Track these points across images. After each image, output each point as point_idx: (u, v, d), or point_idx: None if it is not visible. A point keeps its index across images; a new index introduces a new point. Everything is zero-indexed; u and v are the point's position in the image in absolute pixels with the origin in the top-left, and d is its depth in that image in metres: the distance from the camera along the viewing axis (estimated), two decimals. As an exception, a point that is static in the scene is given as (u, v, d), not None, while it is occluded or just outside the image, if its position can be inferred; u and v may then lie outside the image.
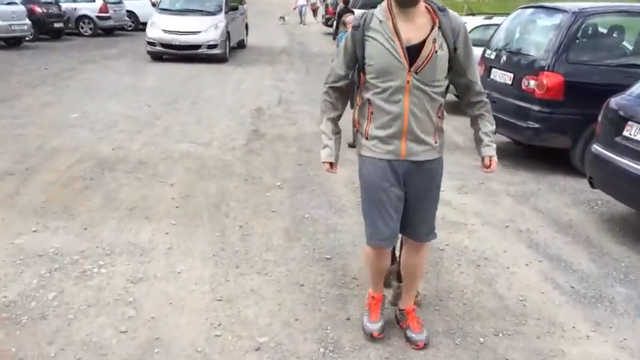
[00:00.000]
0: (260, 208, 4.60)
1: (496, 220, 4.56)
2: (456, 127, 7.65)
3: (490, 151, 2.51)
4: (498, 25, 8.51)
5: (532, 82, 5.63)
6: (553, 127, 5.62)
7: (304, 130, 7.45)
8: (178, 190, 4.92)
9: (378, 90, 2.29)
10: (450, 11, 2.32)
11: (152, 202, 4.60)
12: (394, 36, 2.22)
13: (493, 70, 6.37)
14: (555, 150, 5.89)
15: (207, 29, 13.37)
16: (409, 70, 2.22)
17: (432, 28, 2.23)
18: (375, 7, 2.38)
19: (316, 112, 8.38)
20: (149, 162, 5.65)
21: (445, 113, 2.48)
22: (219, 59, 13.47)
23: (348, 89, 2.52)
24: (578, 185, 5.49)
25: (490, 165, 2.54)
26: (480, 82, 2.47)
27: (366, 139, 2.40)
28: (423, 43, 2.21)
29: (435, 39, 2.22)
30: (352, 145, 3.02)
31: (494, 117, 2.68)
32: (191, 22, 13.53)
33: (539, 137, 5.67)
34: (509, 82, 6.01)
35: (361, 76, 2.41)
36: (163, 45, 13.34)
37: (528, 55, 5.89)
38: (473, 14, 9.18)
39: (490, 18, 8.60)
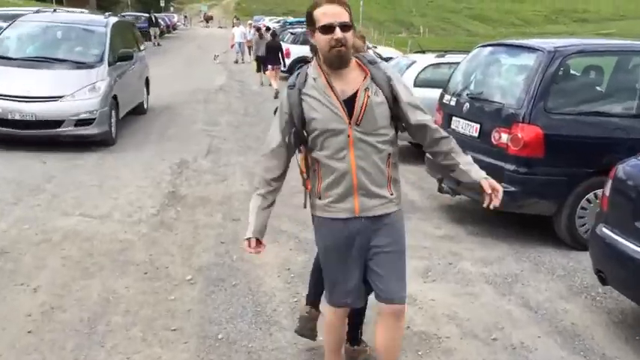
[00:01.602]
0: (156, 325, 3.28)
1: (478, 328, 3.42)
2: (408, 179, 6.60)
3: (482, 173, 2.32)
4: (453, 64, 7.65)
5: (504, 136, 4.62)
6: (533, 191, 4.60)
7: (234, 189, 6.20)
8: (42, 298, 3.53)
9: (322, 149, 2.24)
10: (381, 62, 2.31)
11: (-4, 322, 3.21)
12: (329, 90, 2.19)
13: (454, 118, 5.36)
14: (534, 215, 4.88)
15: (75, 92, 7.50)
16: (349, 123, 2.18)
17: (364, 79, 2.22)
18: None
19: (251, 164, 7.17)
20: (13, 250, 4.22)
21: (397, 163, 2.36)
22: (98, 142, 7.69)
23: (286, 157, 2.37)
24: (567, 262, 4.46)
25: (494, 189, 2.26)
26: (430, 118, 2.34)
27: (319, 198, 2.32)
28: (356, 94, 2.19)
29: (368, 87, 2.21)
30: (305, 206, 2.58)
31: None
32: (47, 80, 7.63)
33: (515, 203, 4.63)
34: (475, 134, 4.99)
35: (302, 138, 2.30)
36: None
37: (496, 102, 4.89)
38: (423, 52, 8.30)
39: (442, 56, 7.71)
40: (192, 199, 5.77)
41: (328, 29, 2.11)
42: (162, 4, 58.82)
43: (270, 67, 14.46)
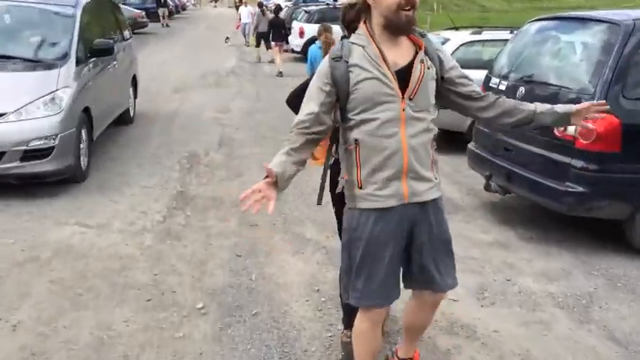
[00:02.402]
0: (160, 375, 2.65)
1: (560, 374, 2.74)
2: (442, 171, 5.89)
3: (567, 106, 2.21)
4: (491, 42, 6.88)
5: (571, 127, 3.86)
6: (605, 191, 3.88)
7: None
8: (22, 339, 2.88)
9: (368, 125, 1.99)
10: (430, 37, 2.12)
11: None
12: (380, 60, 1.97)
13: (503, 104, 4.61)
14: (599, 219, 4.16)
15: (23, 107, 4.95)
16: (402, 97, 1.97)
17: (419, 51, 2.03)
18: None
19: (268, 156, 6.51)
20: (-7, 273, 3.60)
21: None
22: (62, 178, 5.15)
23: (320, 140, 2.13)
24: (648, 277, 3.76)
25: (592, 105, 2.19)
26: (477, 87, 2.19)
27: (360, 187, 2.06)
28: (410, 66, 1.99)
29: (423, 60, 2.01)
30: (319, 203, 2.31)
31: (513, 172, 2.48)
32: None
33: (583, 205, 3.92)
34: (533, 124, 4.25)
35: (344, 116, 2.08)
36: None
37: (561, 86, 4.14)
38: (456, 28, 7.49)
39: (478, 32, 6.91)
40: (203, 201, 5.12)
41: None
42: (170, -16, 57.74)
43: (273, 43, 14.32)
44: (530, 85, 4.36)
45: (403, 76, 1.97)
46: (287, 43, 15.07)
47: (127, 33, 8.66)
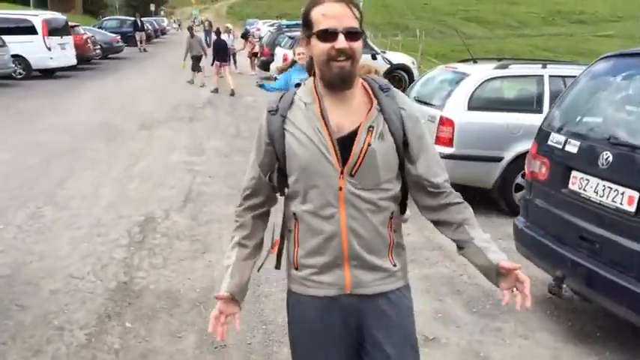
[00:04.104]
0: None
1: None
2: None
3: (503, 254, 1.65)
4: (521, 79, 5.62)
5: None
6: None
7: (218, 268, 4.13)
8: None
9: (304, 202, 1.66)
10: (397, 91, 1.70)
11: None
12: (321, 124, 1.62)
13: (578, 175, 3.28)
14: None
15: None
16: (341, 172, 1.61)
17: (369, 112, 1.63)
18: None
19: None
20: None
21: (404, 221, 1.81)
22: None
23: (269, 204, 1.81)
24: None
25: (519, 280, 1.60)
26: (445, 177, 1.71)
27: (296, 269, 1.72)
28: (355, 133, 1.61)
29: (372, 126, 1.62)
30: (277, 267, 1.87)
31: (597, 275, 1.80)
32: None
33: None
34: (629, 207, 2.91)
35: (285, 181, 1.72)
36: None
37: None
38: (474, 60, 6.20)
39: (505, 67, 5.61)
40: (152, 299, 3.68)
41: (329, 35, 1.56)
42: (152, 8, 56.78)
43: (218, 63, 14.48)
44: (618, 149, 3.03)
45: (347, 145, 1.61)
46: (234, 63, 16.34)
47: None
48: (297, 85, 3.09)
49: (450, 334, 3.36)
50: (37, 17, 16.43)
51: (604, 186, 3.06)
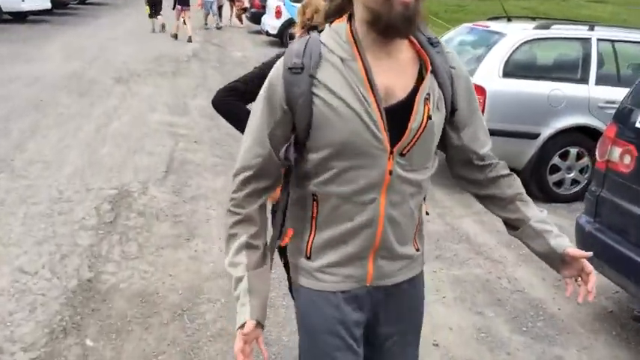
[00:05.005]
0: None
1: None
2: (499, 238, 3.81)
3: (566, 239, 1.43)
4: (563, 41, 4.84)
5: None
6: None
7: (208, 260, 3.42)
8: None
9: (334, 181, 1.31)
10: (445, 46, 1.36)
11: None
12: (366, 87, 1.25)
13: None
14: None
15: None
16: (391, 152, 1.28)
17: (420, 74, 1.30)
18: None
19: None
20: None
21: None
22: None
23: (275, 186, 1.41)
24: None
25: (586, 271, 1.38)
26: (490, 146, 1.46)
27: (307, 257, 1.40)
28: (409, 104, 1.27)
29: (429, 94, 1.30)
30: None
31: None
32: None
33: None
34: None
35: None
36: None
37: None
38: (508, 18, 5.34)
39: (546, 27, 4.79)
40: (122, 305, 2.92)
41: None
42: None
43: (179, 7, 13.46)
44: None
45: (398, 116, 1.26)
46: (219, 15, 15.63)
47: None
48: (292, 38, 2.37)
49: (500, 365, 2.67)
50: (7, -46, 15.04)
51: None
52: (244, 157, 1.35)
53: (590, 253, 1.38)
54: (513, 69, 4.65)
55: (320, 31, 1.34)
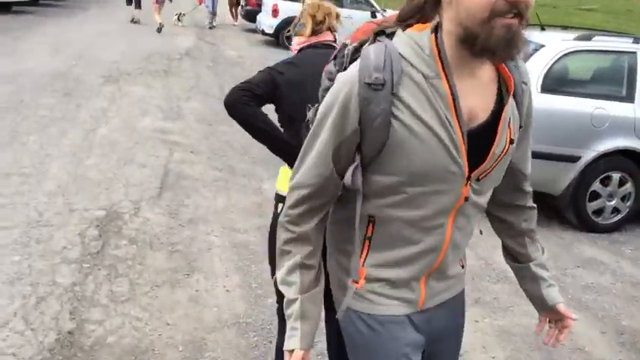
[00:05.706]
0: None
1: None
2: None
3: (556, 292, 1.48)
4: (608, 54, 4.39)
5: None
6: None
7: (212, 303, 2.94)
8: None
9: (399, 206, 1.23)
10: (520, 60, 1.26)
11: None
12: (451, 111, 1.16)
13: None
14: None
15: None
16: (468, 177, 1.22)
17: (500, 95, 1.22)
18: None
19: (243, 216, 3.68)
20: None
21: None
22: None
23: (331, 203, 1.33)
24: None
25: (566, 326, 1.45)
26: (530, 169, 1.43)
27: (359, 278, 1.32)
28: (492, 128, 1.21)
29: (511, 118, 1.24)
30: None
31: None
32: None
33: None
34: None
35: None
36: None
37: None
38: (542, 27, 4.87)
39: (587, 38, 4.31)
40: (110, 365, 2.38)
41: None
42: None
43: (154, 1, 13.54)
44: None
45: (477, 140, 1.19)
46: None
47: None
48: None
49: None
50: (-11, -60, 14.31)
51: None
52: (304, 173, 1.25)
53: (575, 317, 1.45)
54: (553, 84, 4.18)
55: (387, 36, 1.19)
